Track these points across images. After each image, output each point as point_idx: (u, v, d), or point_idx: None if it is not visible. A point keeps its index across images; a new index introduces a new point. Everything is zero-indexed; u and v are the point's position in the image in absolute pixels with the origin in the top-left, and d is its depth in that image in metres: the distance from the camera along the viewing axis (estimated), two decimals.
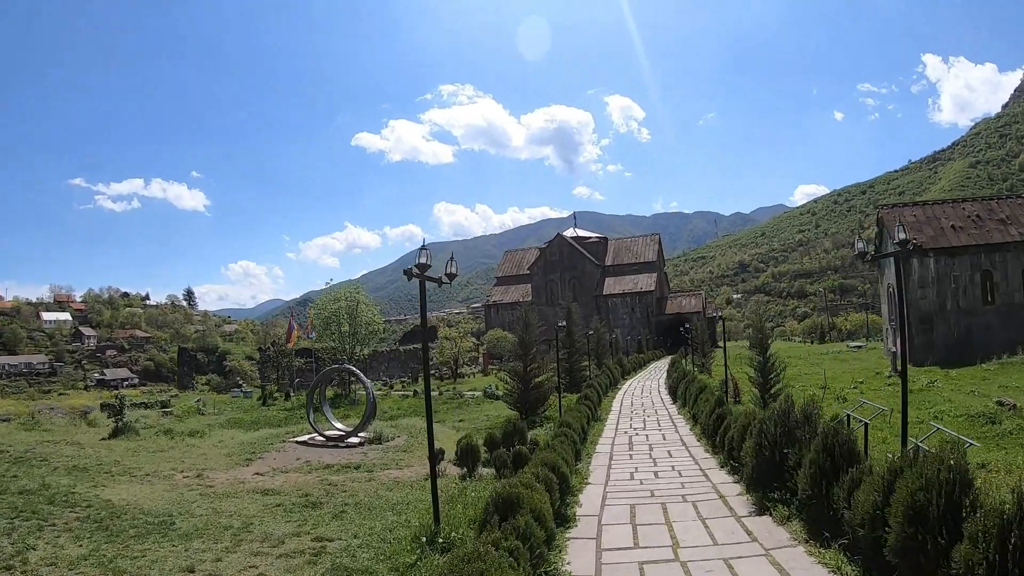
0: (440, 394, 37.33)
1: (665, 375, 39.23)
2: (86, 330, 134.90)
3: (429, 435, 9.26)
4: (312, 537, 9.68)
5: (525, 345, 20.83)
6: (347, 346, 40.12)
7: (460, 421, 24.06)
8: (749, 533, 7.92)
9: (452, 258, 9.68)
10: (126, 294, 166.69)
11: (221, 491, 13.47)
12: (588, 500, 10.00)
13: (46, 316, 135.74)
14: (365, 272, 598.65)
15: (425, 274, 8.57)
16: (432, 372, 61.18)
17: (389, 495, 12.13)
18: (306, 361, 53.28)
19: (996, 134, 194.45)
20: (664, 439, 15.71)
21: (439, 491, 8.99)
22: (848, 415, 14.91)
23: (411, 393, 38.85)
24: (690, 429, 16.87)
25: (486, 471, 12.70)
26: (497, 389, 30.06)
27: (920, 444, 10.51)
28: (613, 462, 12.95)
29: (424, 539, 8.24)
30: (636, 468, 12.25)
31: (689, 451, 13.93)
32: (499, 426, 15.57)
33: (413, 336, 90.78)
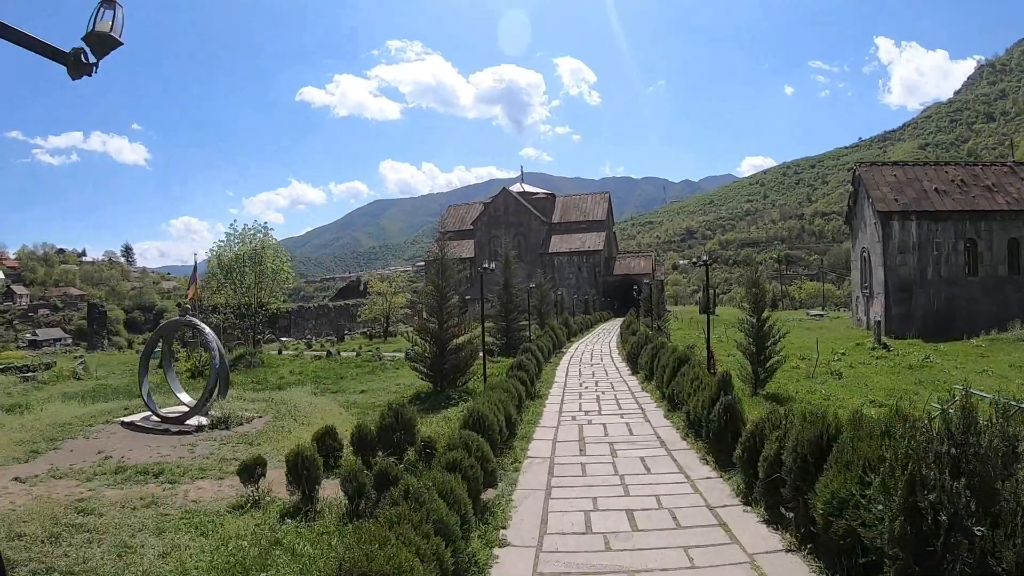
0: (357, 355, 32.05)
1: (616, 338, 34.84)
2: (18, 288, 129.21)
3: None
4: None
5: (441, 293, 15.47)
6: (251, 300, 34.14)
7: (361, 393, 18.79)
8: None
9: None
10: (62, 251, 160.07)
11: None
12: None
13: None
14: (310, 229, 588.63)
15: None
16: (363, 330, 55.98)
17: (151, 545, 6.78)
18: (224, 318, 47.11)
19: (947, 119, 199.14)
20: (631, 433, 10.70)
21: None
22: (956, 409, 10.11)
23: (325, 354, 33.35)
24: (664, 415, 11.94)
25: (335, 497, 7.45)
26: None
27: None
28: (554, 486, 7.80)
29: None
30: (595, 501, 7.11)
31: (675, 459, 8.94)
32: (389, 409, 10.34)
33: (347, 292, 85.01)
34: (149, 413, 14.27)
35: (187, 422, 13.37)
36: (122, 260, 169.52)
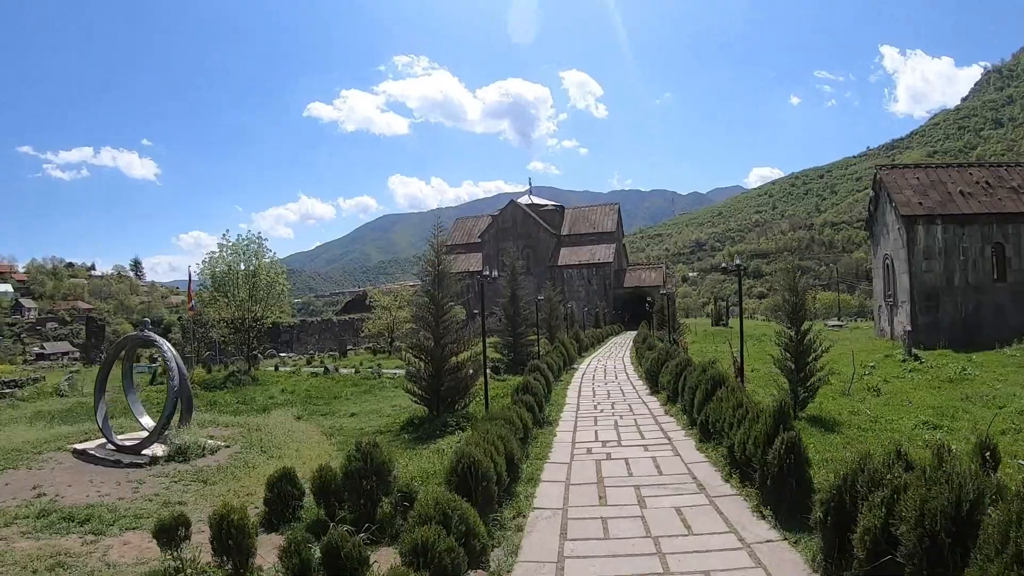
0: (356, 371, 30.27)
1: (629, 353, 32.96)
2: (27, 302, 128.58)
3: None
4: None
5: (437, 305, 13.58)
6: (245, 314, 32.35)
7: (351, 416, 16.96)
8: None
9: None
10: (71, 264, 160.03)
11: None
12: None
13: None
14: (319, 244, 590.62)
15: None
16: (367, 345, 54.11)
17: None
18: (223, 334, 45.00)
19: (955, 126, 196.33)
20: (659, 471, 8.81)
21: None
22: None
23: (323, 370, 31.56)
24: (696, 447, 10.05)
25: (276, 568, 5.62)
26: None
27: None
28: (568, 556, 5.84)
29: None
30: None
31: (720, 511, 7.05)
32: (357, 449, 8.54)
33: (353, 306, 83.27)
34: (105, 440, 12.53)
35: (143, 452, 11.62)
36: (131, 274, 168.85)
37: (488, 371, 26.57)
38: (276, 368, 34.24)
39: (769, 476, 6.64)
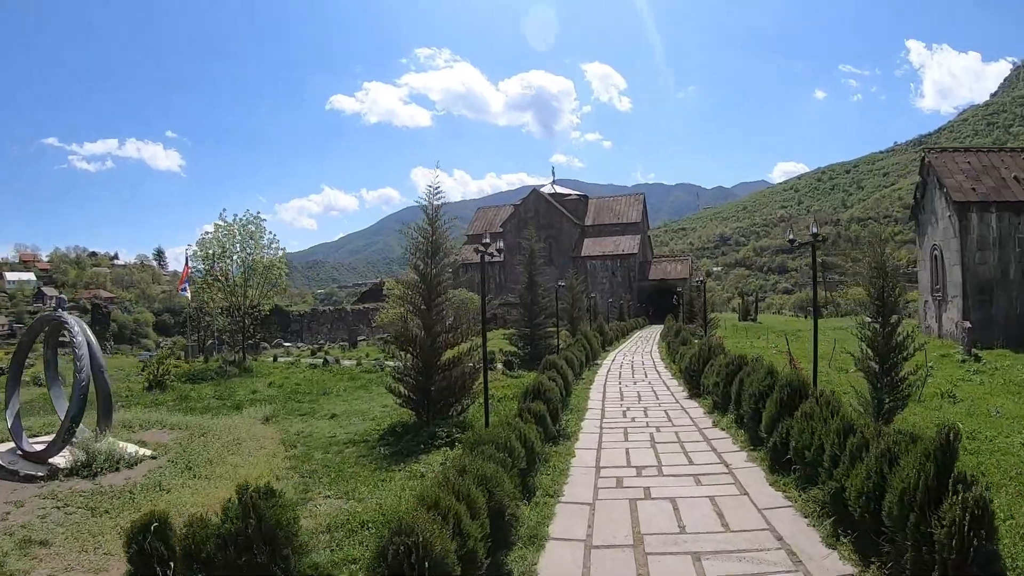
0: (359, 364, 27.74)
1: (657, 347, 30.17)
2: (49, 290, 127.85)
3: None
4: None
5: (428, 285, 10.78)
6: (241, 300, 29.85)
7: (331, 418, 14.31)
8: None
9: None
10: (94, 254, 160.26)
11: None
12: None
13: (9, 276, 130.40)
14: (343, 235, 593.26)
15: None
16: (381, 335, 51.62)
17: None
18: (226, 320, 42.46)
19: (984, 122, 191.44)
20: (724, 524, 6.00)
21: None
22: None
23: (322, 362, 29.07)
24: (766, 478, 7.25)
25: None
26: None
27: None
28: None
29: None
30: None
31: None
32: (240, 494, 5.95)
33: (369, 296, 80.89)
34: (14, 444, 10.03)
35: (50, 460, 9.10)
36: (154, 263, 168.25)
37: (501, 366, 24.01)
38: (275, 359, 31.82)
39: (937, 562, 3.89)
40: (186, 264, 35.61)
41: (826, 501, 5.73)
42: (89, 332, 10.03)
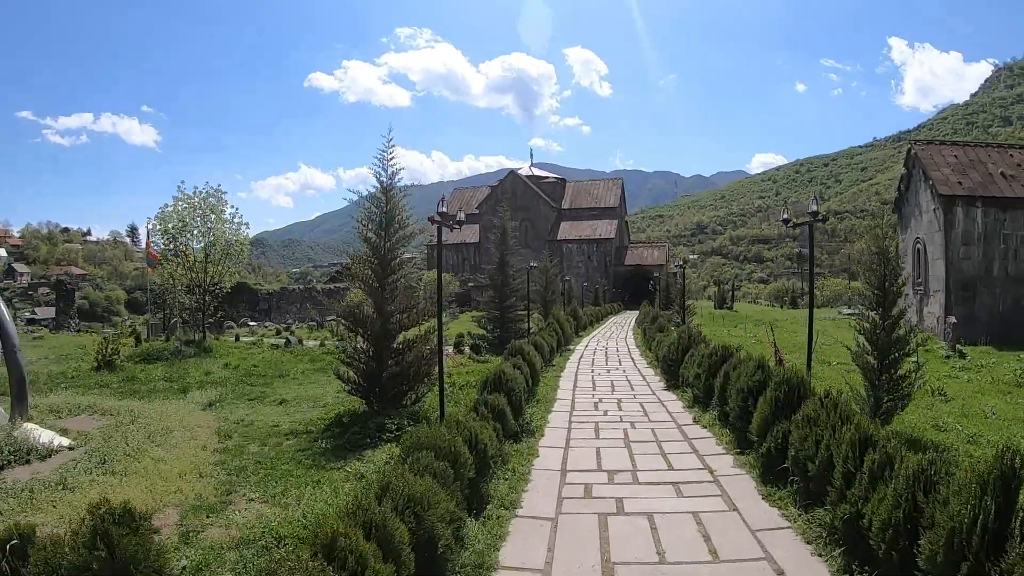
0: (322, 345, 26.53)
1: (632, 332, 29.32)
2: (20, 267, 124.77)
3: None
4: None
5: (381, 258, 9.73)
6: (201, 276, 28.32)
7: (279, 404, 13.15)
8: None
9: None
10: (66, 229, 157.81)
11: None
12: None
13: None
14: (319, 214, 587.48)
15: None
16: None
17: None
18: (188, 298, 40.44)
19: (963, 121, 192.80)
20: (710, 546, 4.97)
21: None
22: None
23: (284, 342, 27.80)
24: (757, 490, 6.25)
25: None
26: None
27: None
28: None
29: None
30: None
31: None
32: (93, 519, 4.88)
33: (341, 276, 79.28)
34: None
35: None
36: (127, 240, 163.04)
37: (468, 350, 22.92)
38: (237, 339, 30.44)
39: None
40: (148, 239, 34.01)
41: (835, 526, 4.74)
42: (3, 308, 8.83)
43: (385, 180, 10.02)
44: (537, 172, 78.91)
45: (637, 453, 7.86)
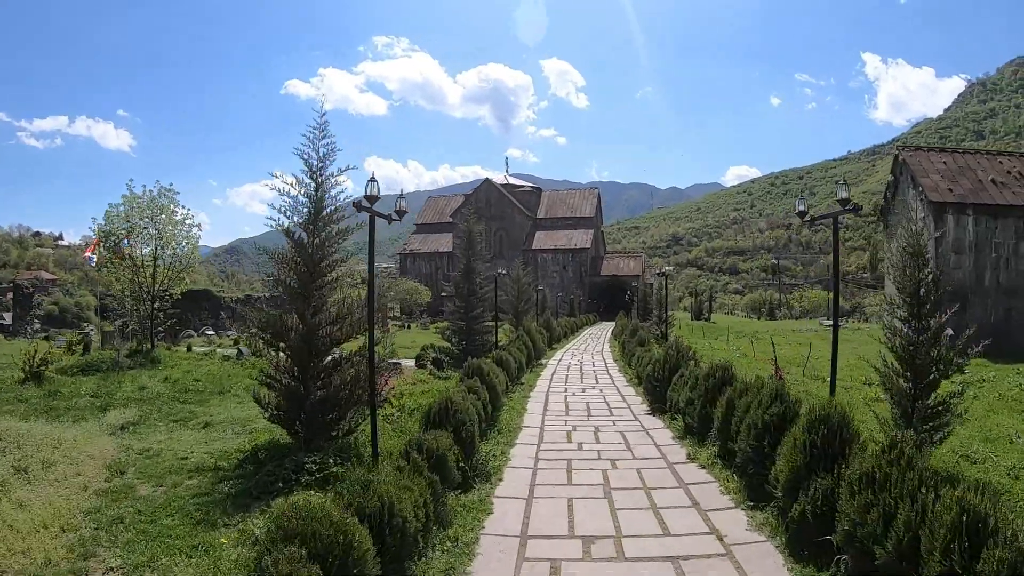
0: None
1: (609, 345, 27.76)
2: None
3: None
4: None
5: (309, 263, 7.73)
6: (147, 281, 26.11)
7: (203, 428, 11.16)
8: None
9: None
10: (38, 233, 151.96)
11: None
12: None
13: None
14: None
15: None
16: None
17: None
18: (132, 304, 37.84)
19: (936, 135, 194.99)
20: None
21: None
22: None
23: (235, 353, 25.68)
24: (785, 565, 4.63)
25: None
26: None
27: None
28: None
29: None
30: None
31: None
32: None
33: None
34: None
35: None
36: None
37: (429, 365, 20.98)
38: (189, 348, 28.25)
39: None
40: (96, 240, 31.71)
41: None
42: None
43: (315, 162, 8.24)
44: (513, 181, 77.67)
45: (621, 508, 6.06)
